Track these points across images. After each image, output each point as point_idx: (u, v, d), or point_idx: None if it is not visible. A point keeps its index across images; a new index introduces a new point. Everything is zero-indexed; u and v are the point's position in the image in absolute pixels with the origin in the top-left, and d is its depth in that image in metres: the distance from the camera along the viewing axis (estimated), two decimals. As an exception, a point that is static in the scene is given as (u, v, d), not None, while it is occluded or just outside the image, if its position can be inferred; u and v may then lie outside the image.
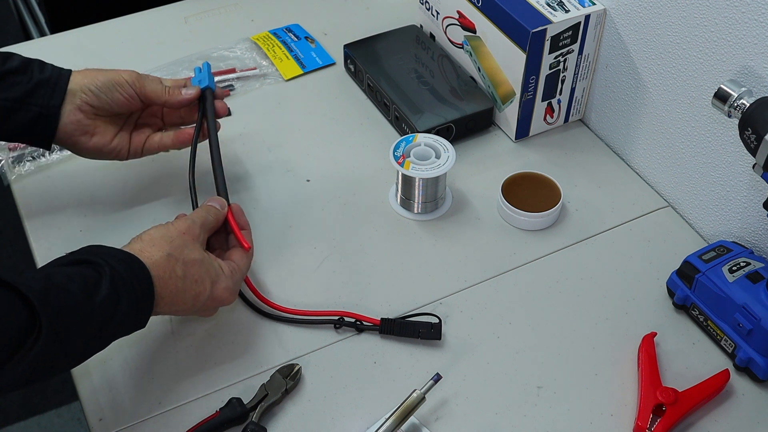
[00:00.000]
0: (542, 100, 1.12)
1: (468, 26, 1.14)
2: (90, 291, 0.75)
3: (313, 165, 1.11)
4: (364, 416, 0.86)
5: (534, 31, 1.03)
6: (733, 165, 0.96)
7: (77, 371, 0.89)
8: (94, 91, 0.93)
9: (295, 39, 1.30)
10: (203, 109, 0.99)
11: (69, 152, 1.10)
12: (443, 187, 1.05)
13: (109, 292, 0.76)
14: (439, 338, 0.91)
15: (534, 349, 0.92)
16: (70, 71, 0.95)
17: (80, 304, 0.74)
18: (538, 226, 1.04)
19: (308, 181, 1.10)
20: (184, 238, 0.85)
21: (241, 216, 0.95)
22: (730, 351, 0.90)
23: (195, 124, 1.00)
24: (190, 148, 0.98)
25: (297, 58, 1.26)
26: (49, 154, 1.10)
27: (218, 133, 0.98)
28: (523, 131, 1.14)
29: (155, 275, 0.80)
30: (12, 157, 1.10)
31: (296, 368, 0.88)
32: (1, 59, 0.93)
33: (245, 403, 0.84)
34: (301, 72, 1.25)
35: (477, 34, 1.13)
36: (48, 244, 1.01)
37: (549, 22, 1.03)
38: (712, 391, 0.87)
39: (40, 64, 0.95)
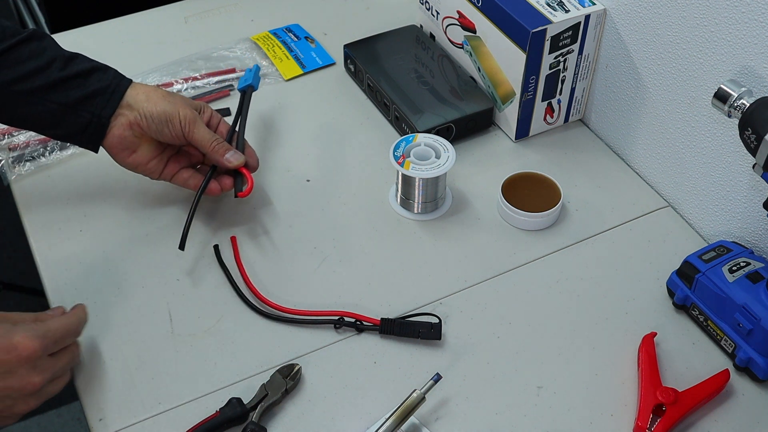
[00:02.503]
0: (542, 100, 1.12)
1: (468, 26, 1.14)
2: None
3: (313, 165, 1.11)
4: (364, 416, 0.86)
5: (534, 31, 1.03)
6: (733, 165, 0.96)
7: (77, 371, 0.89)
8: (147, 116, 0.94)
9: (295, 39, 1.30)
10: (241, 104, 1.06)
11: (69, 152, 1.11)
12: (443, 187, 1.05)
13: None
14: (439, 338, 0.91)
15: (534, 349, 0.92)
16: (129, 81, 0.96)
17: None
18: (538, 226, 1.04)
19: (308, 181, 1.10)
20: None
21: None
22: (730, 351, 0.90)
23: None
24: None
25: (297, 58, 1.26)
26: (50, 154, 1.10)
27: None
28: (523, 131, 1.15)
29: None
30: (12, 157, 1.10)
31: (296, 368, 0.88)
32: (66, 61, 0.94)
33: (245, 403, 0.84)
34: (301, 72, 1.25)
35: (477, 34, 1.13)
36: (48, 244, 1.01)
37: (549, 22, 1.03)
38: (712, 391, 0.87)
39: (104, 69, 0.96)
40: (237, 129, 1.02)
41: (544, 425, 0.86)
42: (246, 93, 1.07)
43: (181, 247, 0.96)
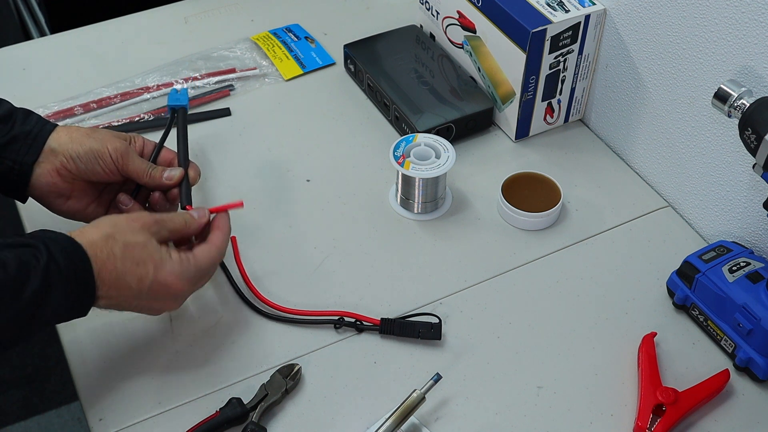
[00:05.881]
0: (542, 100, 1.12)
1: (468, 26, 1.14)
2: (21, 281, 0.74)
3: (313, 165, 1.11)
4: (364, 416, 0.86)
5: (534, 31, 1.03)
6: (733, 165, 0.96)
7: (77, 371, 0.89)
8: (74, 157, 0.89)
9: (295, 39, 1.29)
10: (176, 124, 0.99)
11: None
12: (443, 187, 1.05)
13: (40, 285, 0.74)
14: (439, 338, 0.91)
15: (534, 349, 0.92)
16: (54, 126, 0.91)
17: (7, 292, 0.73)
18: (538, 226, 1.04)
19: (308, 181, 1.10)
20: (132, 224, 0.83)
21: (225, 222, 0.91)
22: (730, 351, 0.90)
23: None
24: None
25: (297, 58, 1.26)
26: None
27: (218, 135, 0.98)
28: (523, 131, 1.15)
29: (92, 254, 0.78)
30: (12, 157, 1.10)
31: (296, 368, 0.88)
32: None
33: (245, 403, 0.84)
34: (301, 72, 1.25)
35: (477, 34, 1.13)
36: (48, 244, 1.01)
37: (549, 22, 1.03)
38: (712, 391, 0.87)
39: (26, 114, 0.91)
40: (177, 150, 0.96)
41: (544, 425, 0.86)
42: (178, 113, 1.00)
43: None
